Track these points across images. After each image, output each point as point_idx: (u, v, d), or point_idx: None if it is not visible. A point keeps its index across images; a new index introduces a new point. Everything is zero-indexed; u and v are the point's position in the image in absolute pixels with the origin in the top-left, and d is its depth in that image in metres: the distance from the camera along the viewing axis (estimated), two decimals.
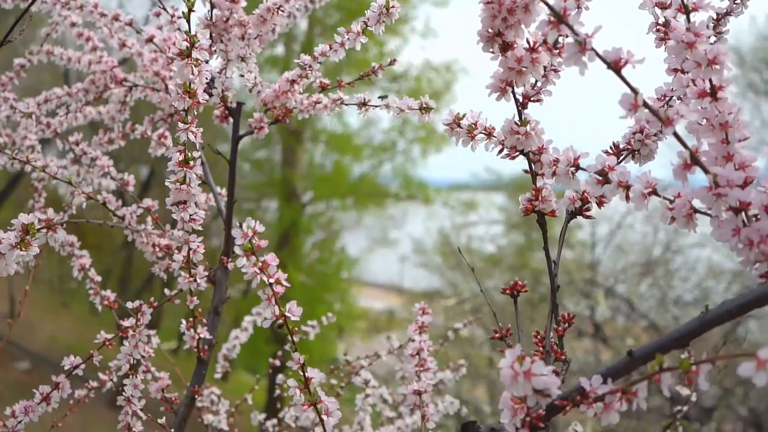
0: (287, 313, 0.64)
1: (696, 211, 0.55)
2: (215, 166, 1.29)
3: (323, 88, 1.01)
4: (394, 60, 1.03)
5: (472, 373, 6.38)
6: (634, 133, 0.70)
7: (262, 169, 11.72)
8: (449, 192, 11.59)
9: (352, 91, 1.04)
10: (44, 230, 0.67)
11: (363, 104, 0.98)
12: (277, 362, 1.52)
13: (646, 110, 0.51)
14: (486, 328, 7.44)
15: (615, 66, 0.52)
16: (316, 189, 11.74)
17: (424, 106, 0.85)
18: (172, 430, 0.95)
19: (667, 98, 0.70)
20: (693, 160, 0.53)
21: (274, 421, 1.38)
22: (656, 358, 0.48)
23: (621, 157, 0.70)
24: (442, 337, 1.75)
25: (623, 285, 6.93)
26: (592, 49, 0.51)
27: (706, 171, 0.52)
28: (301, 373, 0.66)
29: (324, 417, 0.66)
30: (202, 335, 0.99)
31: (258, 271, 0.63)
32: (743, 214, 0.52)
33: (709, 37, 0.73)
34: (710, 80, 0.55)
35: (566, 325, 0.65)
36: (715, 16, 0.74)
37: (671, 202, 0.56)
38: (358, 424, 1.32)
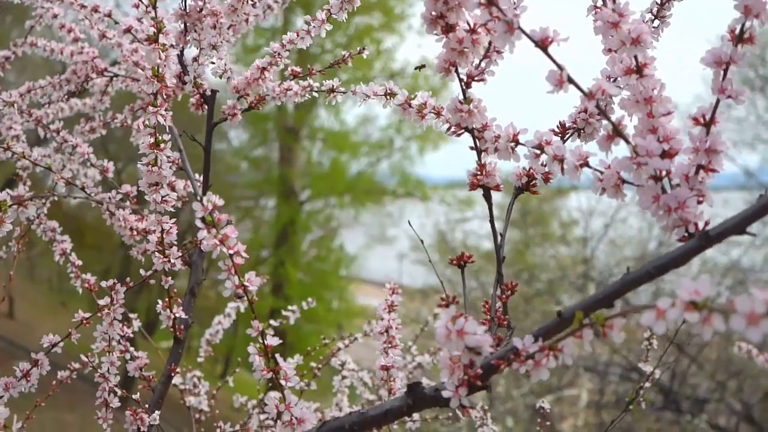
0: (246, 283, 0.68)
1: (624, 181, 0.59)
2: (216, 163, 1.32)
3: (295, 76, 1.04)
4: (363, 49, 1.07)
5: None
6: (579, 112, 0.73)
7: (260, 167, 11.76)
8: (446, 189, 11.63)
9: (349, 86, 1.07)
10: (15, 206, 0.70)
11: (331, 90, 1.01)
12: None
13: (571, 85, 0.55)
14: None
15: (542, 44, 0.55)
16: (313, 187, 11.78)
17: (389, 92, 0.88)
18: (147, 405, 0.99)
19: (611, 79, 0.74)
20: (615, 131, 0.56)
21: (254, 402, 1.42)
22: (576, 315, 0.52)
23: (567, 135, 0.73)
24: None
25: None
26: (520, 28, 0.54)
27: (627, 141, 0.56)
28: (261, 341, 0.69)
29: (282, 382, 0.69)
30: (177, 315, 1.02)
31: (218, 243, 0.66)
32: (662, 182, 0.55)
33: (652, 21, 0.77)
34: (635, 57, 0.58)
35: (509, 292, 0.68)
36: (659, 1, 0.77)
37: (601, 173, 0.60)
38: (336, 405, 1.36)
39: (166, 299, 1.01)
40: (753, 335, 0.38)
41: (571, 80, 0.55)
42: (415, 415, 1.29)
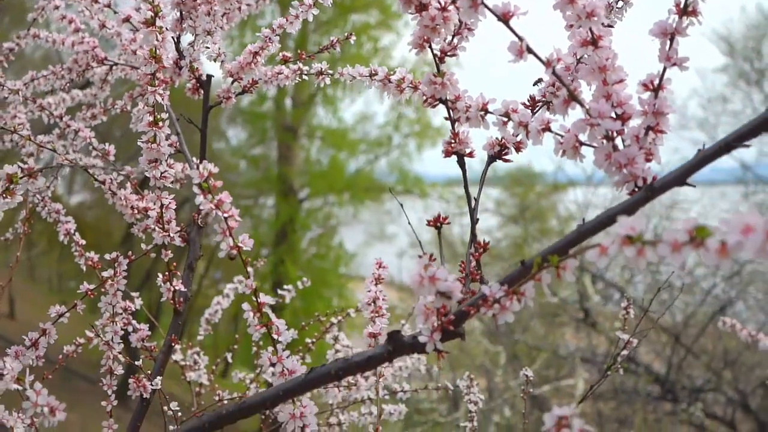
0: (240, 244, 0.74)
1: (581, 143, 0.65)
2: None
3: (285, 61, 1.10)
4: (351, 34, 1.12)
5: (467, 364, 6.49)
6: (547, 86, 0.79)
7: (259, 166, 11.81)
8: (445, 186, 11.68)
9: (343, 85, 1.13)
10: (25, 178, 0.76)
11: (320, 73, 1.07)
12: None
13: (531, 54, 0.60)
14: (482, 320, 7.56)
15: (504, 18, 0.61)
16: (312, 185, 11.83)
17: (373, 72, 0.94)
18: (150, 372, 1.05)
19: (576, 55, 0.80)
20: (571, 96, 0.62)
21: (251, 375, 1.47)
22: (535, 261, 0.58)
23: (537, 108, 0.79)
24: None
25: (618, 273, 7.05)
26: (483, 3, 0.60)
27: (582, 105, 0.61)
28: (254, 299, 0.75)
29: (275, 336, 0.75)
30: (177, 288, 1.08)
31: (214, 207, 0.72)
32: (615, 141, 0.61)
33: (616, 2, 0.82)
34: (591, 30, 0.64)
35: (482, 250, 0.74)
36: None
37: (562, 137, 0.66)
38: None
39: (166, 273, 1.07)
40: (675, 261, 0.44)
41: (530, 50, 0.61)
42: (406, 386, 1.35)
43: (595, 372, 6.33)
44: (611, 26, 0.79)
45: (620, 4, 0.83)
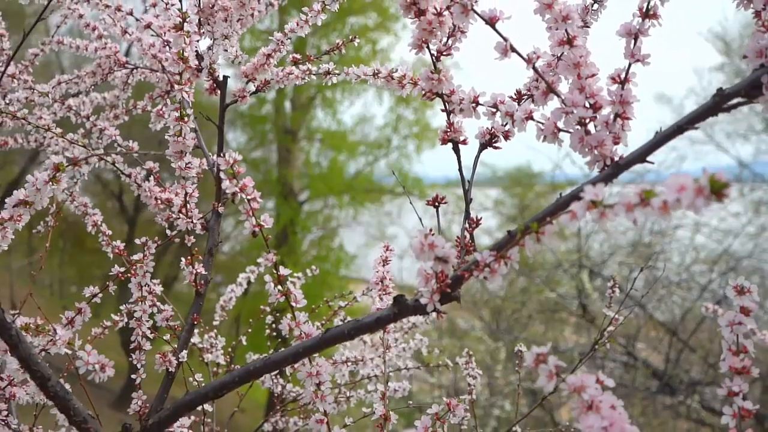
0: (261, 223, 0.84)
1: (559, 129, 0.75)
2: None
3: (295, 62, 1.20)
4: (355, 36, 1.22)
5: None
6: (531, 82, 0.89)
7: (259, 168, 11.90)
8: (444, 187, 11.78)
9: (349, 87, 1.23)
10: (71, 166, 0.86)
11: (328, 73, 1.17)
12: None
13: (514, 53, 0.71)
14: (485, 322, 7.66)
15: (491, 22, 0.71)
16: (312, 187, 11.92)
17: (376, 71, 1.04)
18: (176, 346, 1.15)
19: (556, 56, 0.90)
20: (549, 89, 0.72)
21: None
22: (519, 229, 0.68)
23: (522, 100, 0.89)
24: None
25: (617, 270, 7.15)
26: (473, 9, 0.70)
27: (558, 96, 0.71)
28: (275, 271, 0.85)
29: (293, 304, 0.85)
30: (199, 271, 1.18)
31: (239, 191, 0.82)
32: (587, 127, 0.71)
33: (592, 4, 0.92)
34: (566, 31, 0.74)
35: (475, 225, 0.84)
36: None
37: (542, 124, 0.76)
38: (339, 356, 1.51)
39: (189, 257, 1.17)
40: (628, 219, 0.54)
41: (513, 49, 0.71)
42: (409, 363, 1.45)
43: (594, 367, 6.43)
44: (588, 26, 0.90)
45: (595, 6, 0.93)
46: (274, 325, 1.69)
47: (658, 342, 6.59)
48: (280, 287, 0.85)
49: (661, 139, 0.67)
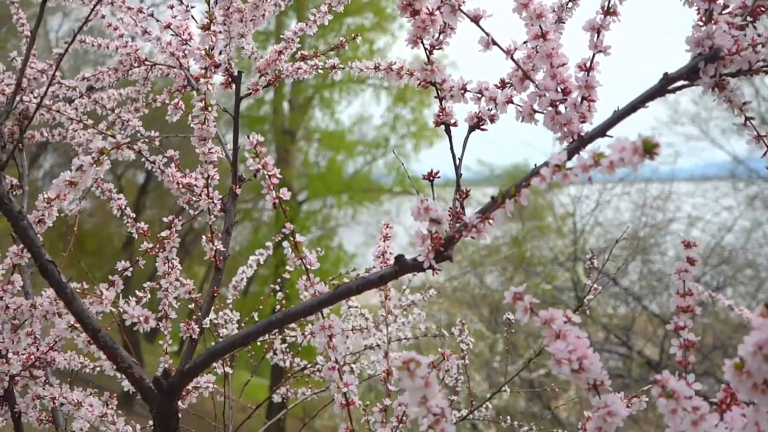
0: (281, 195, 0.97)
1: (534, 111, 0.88)
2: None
3: (303, 59, 1.33)
4: (356, 35, 1.35)
5: (478, 366, 6.72)
6: (513, 70, 1.02)
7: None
8: (443, 186, 11.89)
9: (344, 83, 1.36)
10: (114, 150, 0.98)
11: (333, 68, 1.30)
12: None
13: (495, 46, 0.83)
14: (485, 321, 7.80)
15: (475, 19, 0.84)
16: (311, 187, 12.04)
17: (377, 65, 1.17)
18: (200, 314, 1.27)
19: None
20: (525, 76, 0.85)
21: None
22: (499, 193, 0.80)
23: (506, 87, 1.02)
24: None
25: (611, 263, 7.29)
26: (460, 9, 0.83)
27: (533, 81, 0.84)
28: (292, 239, 0.98)
29: (308, 267, 0.98)
30: (218, 248, 1.31)
31: (261, 168, 0.95)
32: (558, 108, 0.84)
33: (567, 2, 1.05)
34: (540, 27, 0.87)
35: (465, 196, 0.97)
36: None
37: (521, 107, 0.89)
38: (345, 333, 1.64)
39: (209, 235, 1.30)
40: (581, 179, 0.67)
41: (494, 42, 0.84)
42: (408, 332, 1.58)
43: None
44: (563, 22, 1.03)
45: (570, 4, 1.06)
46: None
47: (652, 332, 6.73)
48: (295, 252, 0.98)
49: (618, 117, 0.80)
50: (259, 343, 1.81)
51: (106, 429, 1.00)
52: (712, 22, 0.77)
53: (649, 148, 0.60)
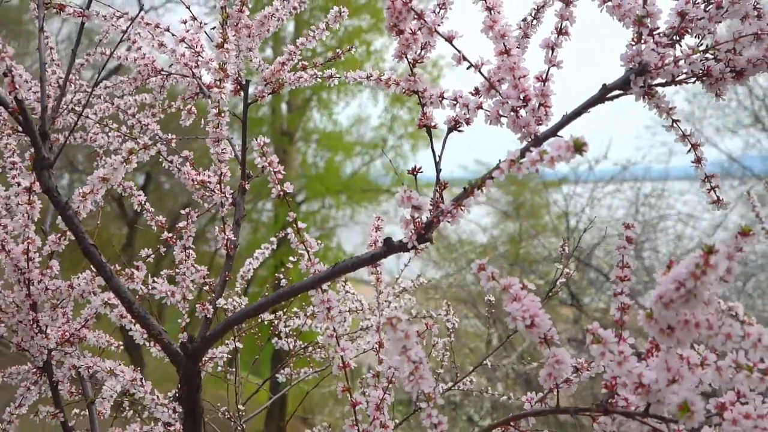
0: (285, 189, 1.13)
1: (500, 115, 1.04)
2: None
3: (304, 69, 1.49)
4: (352, 46, 1.52)
5: (474, 361, 6.89)
6: (482, 82, 1.18)
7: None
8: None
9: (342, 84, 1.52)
10: (142, 149, 1.15)
11: (331, 76, 1.46)
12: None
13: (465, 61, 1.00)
14: (481, 318, 7.97)
15: (449, 39, 1.00)
16: (309, 188, 12.19)
17: (369, 75, 1.33)
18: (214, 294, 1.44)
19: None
20: (490, 86, 1.02)
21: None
22: (471, 183, 0.97)
23: (478, 95, 1.18)
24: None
25: (605, 260, 7.46)
26: (437, 31, 1.00)
27: (497, 91, 1.01)
28: (295, 225, 1.15)
29: (308, 249, 1.14)
30: (229, 237, 1.47)
31: (267, 165, 1.11)
32: (519, 112, 1.01)
33: (532, 20, 1.21)
34: (504, 44, 1.03)
35: (444, 187, 1.13)
36: (536, 7, 1.22)
37: (488, 112, 1.05)
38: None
39: (222, 225, 1.46)
40: (532, 170, 0.83)
41: (464, 58, 1.00)
42: (404, 317, 1.74)
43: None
44: (528, 36, 1.19)
45: (534, 22, 1.22)
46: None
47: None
48: (298, 236, 1.14)
49: (565, 121, 0.96)
50: (266, 322, 1.97)
51: (136, 391, 1.16)
52: (642, 41, 0.93)
53: (578, 147, 0.77)
